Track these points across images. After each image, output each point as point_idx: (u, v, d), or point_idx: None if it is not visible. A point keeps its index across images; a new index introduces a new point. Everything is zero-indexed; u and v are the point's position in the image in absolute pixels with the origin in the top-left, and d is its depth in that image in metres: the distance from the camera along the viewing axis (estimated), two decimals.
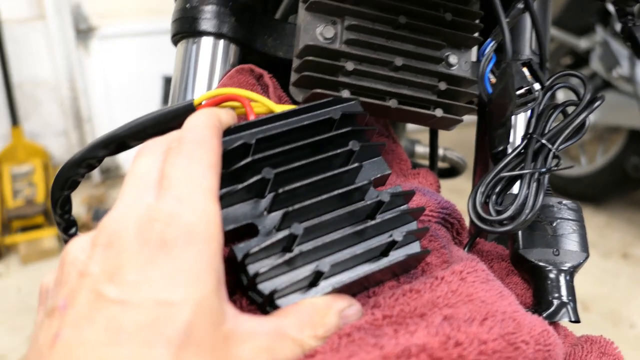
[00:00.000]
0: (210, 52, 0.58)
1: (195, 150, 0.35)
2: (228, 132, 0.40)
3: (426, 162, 0.91)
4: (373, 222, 0.41)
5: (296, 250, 0.38)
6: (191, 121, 0.38)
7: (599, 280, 2.28)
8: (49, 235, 2.45)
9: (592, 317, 2.05)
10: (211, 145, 0.36)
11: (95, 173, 3.13)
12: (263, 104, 0.45)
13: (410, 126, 1.16)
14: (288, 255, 0.37)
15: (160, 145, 0.37)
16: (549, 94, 0.52)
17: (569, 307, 0.49)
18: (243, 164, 0.39)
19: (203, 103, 0.45)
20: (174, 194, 0.33)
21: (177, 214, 0.32)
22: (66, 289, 0.32)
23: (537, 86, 0.48)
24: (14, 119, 2.81)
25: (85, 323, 0.30)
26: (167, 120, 0.46)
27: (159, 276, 0.30)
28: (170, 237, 0.31)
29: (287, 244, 0.38)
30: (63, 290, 0.32)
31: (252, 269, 0.37)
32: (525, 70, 0.49)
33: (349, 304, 0.38)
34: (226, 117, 0.41)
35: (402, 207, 0.43)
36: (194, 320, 0.30)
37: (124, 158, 3.06)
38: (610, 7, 0.51)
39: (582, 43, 2.68)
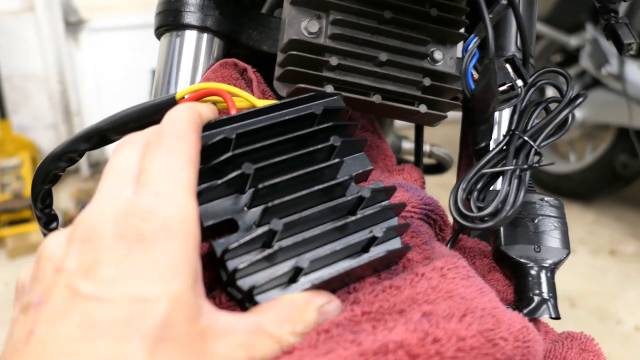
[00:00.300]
0: (194, 45, 0.58)
1: (174, 145, 0.35)
2: (209, 126, 0.40)
3: (413, 158, 0.91)
4: (354, 217, 0.41)
5: (276, 246, 0.37)
6: (171, 115, 0.38)
7: (587, 277, 2.29)
8: (36, 229, 2.43)
9: (580, 313, 2.07)
10: (190, 139, 0.36)
11: (84, 167, 3.11)
12: (245, 99, 0.45)
13: (398, 122, 1.16)
14: (267, 251, 0.37)
15: (139, 139, 0.37)
16: (531, 90, 0.52)
17: (549, 303, 0.49)
18: (223, 158, 0.38)
19: (185, 97, 0.45)
20: (152, 188, 0.33)
21: (154, 209, 0.32)
22: (41, 285, 0.31)
23: (520, 83, 0.48)
24: (2, 112, 2.79)
25: (60, 319, 0.29)
26: (150, 114, 0.46)
27: (134, 272, 0.30)
28: (147, 232, 0.31)
29: (266, 240, 0.37)
30: (38, 286, 0.31)
31: (231, 264, 0.37)
32: (508, 66, 0.49)
33: (328, 300, 0.38)
34: (207, 111, 0.40)
35: (383, 203, 0.43)
36: (169, 315, 0.30)
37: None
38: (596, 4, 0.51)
39: (572, 41, 2.69)
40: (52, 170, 0.47)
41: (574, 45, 2.69)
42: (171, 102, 0.44)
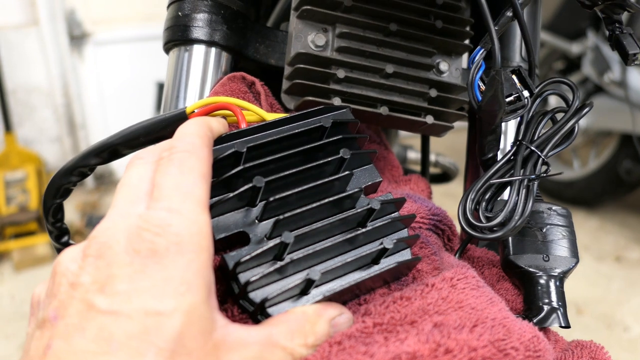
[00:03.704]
0: (202, 60, 0.58)
1: (186, 160, 0.36)
2: (219, 140, 0.40)
3: (418, 168, 0.92)
4: (364, 229, 0.41)
5: (287, 258, 0.38)
6: (182, 130, 0.38)
7: (592, 283, 2.29)
8: (42, 242, 2.44)
9: (586, 320, 2.06)
10: (202, 154, 0.36)
11: (89, 179, 3.12)
12: (255, 112, 0.45)
13: (402, 132, 1.16)
14: (279, 264, 0.37)
15: (151, 155, 0.37)
16: (538, 100, 0.52)
17: (559, 312, 0.49)
18: (234, 172, 0.39)
19: (195, 111, 0.45)
20: (164, 204, 0.33)
21: (167, 224, 0.32)
22: (57, 300, 0.32)
23: (526, 93, 0.48)
24: (7, 125, 2.80)
25: (76, 333, 0.30)
26: (160, 129, 0.46)
27: (149, 286, 0.31)
28: (160, 247, 0.31)
29: (278, 253, 0.38)
30: (54, 301, 0.32)
31: (243, 277, 0.37)
32: (514, 77, 0.49)
33: (339, 312, 0.38)
34: (217, 125, 0.41)
35: (393, 215, 0.43)
36: (184, 329, 0.30)
37: (118, 164, 3.05)
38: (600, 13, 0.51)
39: (574, 48, 2.70)
40: (63, 184, 0.48)
41: (575, 52, 2.69)
42: (181, 117, 0.44)
